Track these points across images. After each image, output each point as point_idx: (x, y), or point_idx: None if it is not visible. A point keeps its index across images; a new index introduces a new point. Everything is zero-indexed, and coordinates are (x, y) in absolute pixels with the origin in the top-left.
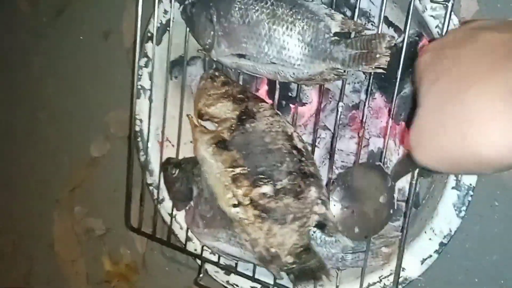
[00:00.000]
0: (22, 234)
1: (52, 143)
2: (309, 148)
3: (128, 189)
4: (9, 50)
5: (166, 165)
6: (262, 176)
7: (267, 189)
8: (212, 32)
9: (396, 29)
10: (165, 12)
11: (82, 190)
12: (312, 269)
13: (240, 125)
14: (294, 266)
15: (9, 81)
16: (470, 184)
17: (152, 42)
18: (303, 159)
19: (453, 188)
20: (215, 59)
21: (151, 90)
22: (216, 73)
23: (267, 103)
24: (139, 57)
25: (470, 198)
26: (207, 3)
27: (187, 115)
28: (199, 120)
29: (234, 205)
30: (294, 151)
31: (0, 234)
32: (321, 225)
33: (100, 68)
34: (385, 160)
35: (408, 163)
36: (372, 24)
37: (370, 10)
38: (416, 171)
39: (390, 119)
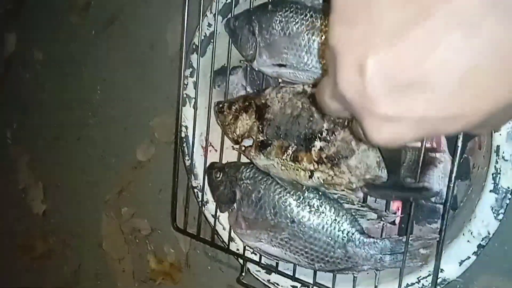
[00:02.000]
0: (72, 234)
1: (100, 147)
2: None
3: (174, 191)
4: (61, 60)
5: (210, 169)
6: (308, 138)
7: (318, 143)
8: (254, 44)
9: None
10: (209, 25)
11: (128, 192)
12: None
13: (262, 121)
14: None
15: (61, 89)
16: (508, 187)
17: (197, 54)
18: None
19: (491, 191)
20: (256, 69)
21: (195, 98)
22: (220, 105)
23: (268, 87)
24: (185, 67)
25: (508, 201)
26: (249, 17)
27: (233, 148)
28: (241, 145)
29: (310, 176)
30: (314, 97)
31: (52, 233)
32: None
33: (145, 76)
34: None
35: None
36: None
37: None
38: (454, 175)
39: None
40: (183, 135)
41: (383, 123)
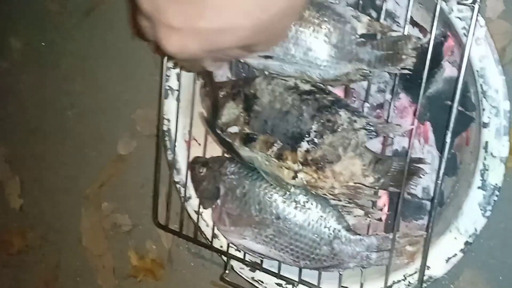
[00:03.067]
0: (50, 228)
1: (80, 140)
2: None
3: (156, 187)
4: (39, 50)
5: (194, 164)
6: (295, 137)
7: (305, 145)
8: None
9: (422, 29)
10: None
11: (109, 187)
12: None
13: (249, 112)
14: (380, 179)
15: (39, 80)
16: (496, 184)
17: None
18: (317, 96)
19: (479, 188)
20: (242, 60)
21: (178, 90)
22: (207, 88)
23: (257, 76)
24: (167, 58)
25: (495, 198)
26: None
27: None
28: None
29: (294, 177)
30: (305, 96)
31: (30, 228)
32: (372, 132)
33: (127, 68)
34: None
35: None
36: (397, 25)
37: (395, 11)
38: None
39: (415, 119)
40: (165, 128)
41: (171, 33)
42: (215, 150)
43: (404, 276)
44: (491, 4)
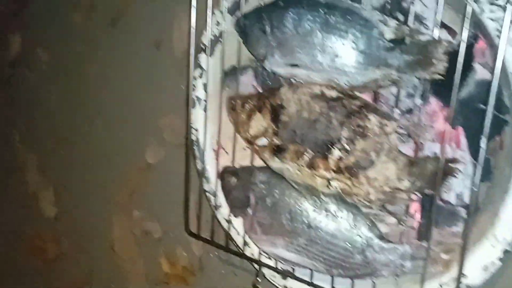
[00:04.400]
0: (83, 236)
1: (109, 148)
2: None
3: (186, 196)
4: (67, 60)
5: (224, 174)
6: (325, 145)
7: (337, 152)
8: (265, 43)
9: (450, 31)
10: (218, 23)
11: (139, 195)
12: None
13: (277, 123)
14: (415, 182)
15: (66, 89)
16: None
17: (206, 53)
18: (344, 102)
19: None
20: (268, 69)
21: (206, 100)
22: (233, 101)
23: (283, 85)
24: (193, 68)
25: None
26: (260, 14)
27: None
28: (255, 145)
29: (328, 185)
30: (332, 102)
31: (64, 236)
32: (404, 136)
33: (152, 76)
34: None
35: None
36: (425, 28)
37: (423, 13)
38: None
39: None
40: (193, 137)
41: None
42: (242, 157)
43: (439, 285)
44: None
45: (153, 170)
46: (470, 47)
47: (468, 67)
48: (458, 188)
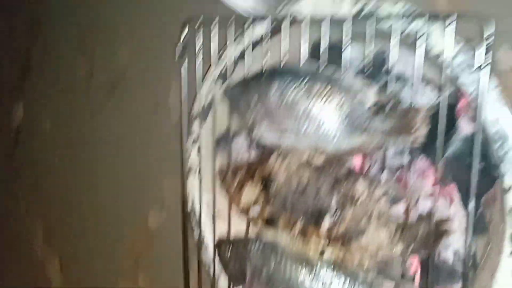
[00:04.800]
0: None
1: (113, 213)
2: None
3: (186, 267)
4: (68, 128)
5: (219, 245)
6: (316, 213)
7: (328, 220)
8: (252, 113)
9: (434, 87)
10: (208, 92)
11: (144, 260)
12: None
13: (268, 193)
14: (409, 246)
15: (70, 157)
16: None
17: (198, 121)
18: (332, 168)
19: (510, 254)
20: (257, 137)
21: (199, 167)
22: (224, 172)
23: (272, 154)
24: (186, 136)
25: None
26: (246, 86)
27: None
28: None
29: (321, 253)
30: (320, 170)
31: None
32: (392, 200)
33: (151, 141)
34: None
35: None
36: (409, 86)
37: (405, 72)
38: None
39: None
40: (189, 205)
41: None
42: (238, 223)
43: None
44: (503, 57)
45: (156, 234)
46: (453, 107)
47: (452, 126)
48: (456, 245)
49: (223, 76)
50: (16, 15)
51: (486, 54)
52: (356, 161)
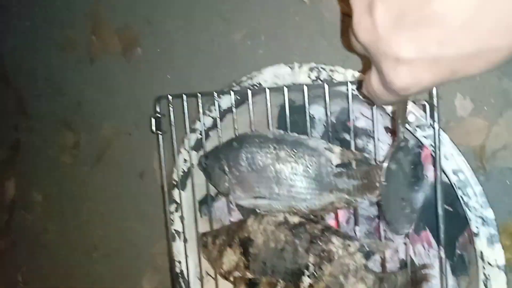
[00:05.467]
0: None
1: (107, 280)
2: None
3: None
4: (59, 199)
5: None
6: (295, 273)
7: (306, 279)
8: (226, 181)
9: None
10: (185, 160)
11: None
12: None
13: (247, 256)
14: None
15: (63, 227)
16: None
17: (178, 188)
18: (307, 227)
19: None
20: (233, 203)
21: (183, 232)
22: (204, 239)
23: (249, 217)
24: (168, 204)
25: None
26: (217, 155)
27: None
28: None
29: None
30: (296, 229)
31: None
32: (368, 253)
33: (140, 205)
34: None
35: None
36: (372, 139)
37: (368, 127)
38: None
39: (407, 238)
40: (178, 270)
41: (399, 64)
42: (226, 284)
43: None
44: (460, 103)
45: None
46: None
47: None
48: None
49: (197, 146)
50: (4, 93)
51: (433, 112)
52: (330, 218)
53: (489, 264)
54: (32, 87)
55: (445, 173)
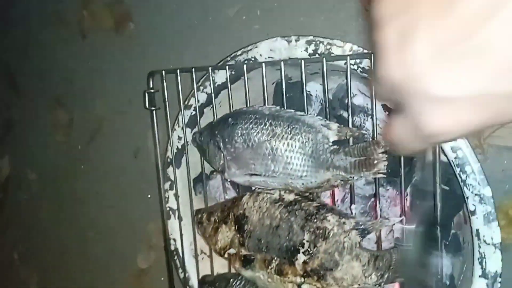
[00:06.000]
0: None
1: (103, 259)
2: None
3: None
4: (54, 177)
5: (202, 284)
6: (290, 250)
7: (301, 257)
8: (221, 157)
9: None
10: (179, 138)
11: None
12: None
13: (242, 233)
14: (383, 276)
15: (58, 205)
16: (496, 271)
17: (173, 166)
18: (302, 205)
19: (480, 276)
20: (228, 180)
21: (178, 209)
22: (199, 216)
23: (244, 194)
24: (163, 181)
25: (499, 285)
26: (213, 131)
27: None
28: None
29: None
30: (291, 207)
31: None
32: (363, 231)
33: (134, 183)
34: None
35: None
36: (371, 119)
37: (366, 104)
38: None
39: (403, 215)
40: (172, 248)
41: (438, 105)
42: (222, 262)
43: None
44: None
45: (146, 274)
46: None
47: (412, 158)
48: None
49: (191, 122)
50: None
51: None
52: (325, 197)
53: (485, 242)
54: (23, 65)
55: (443, 151)
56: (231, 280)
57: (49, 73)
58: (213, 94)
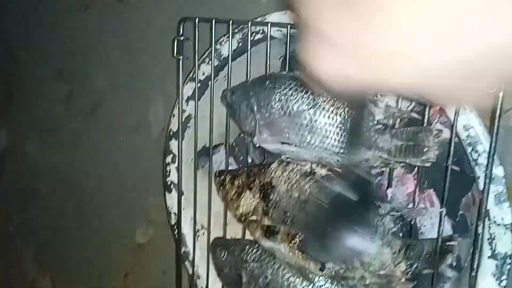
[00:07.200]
0: None
1: (101, 233)
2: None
3: (178, 279)
4: (52, 149)
5: (214, 247)
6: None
7: None
8: (253, 121)
9: None
10: (184, 111)
11: (134, 276)
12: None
13: (267, 202)
14: (412, 265)
15: (55, 179)
16: (506, 253)
17: (176, 139)
18: (334, 183)
19: (489, 257)
20: (257, 145)
21: (179, 183)
22: (222, 177)
23: (272, 162)
24: (165, 154)
25: (508, 267)
26: (246, 91)
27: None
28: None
29: (321, 268)
30: (323, 183)
31: None
32: (398, 218)
33: (134, 158)
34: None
35: None
36: (418, 105)
37: None
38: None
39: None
40: (173, 222)
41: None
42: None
43: None
44: None
45: (144, 249)
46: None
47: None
48: None
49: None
50: None
51: None
52: None
53: (495, 223)
54: (23, 36)
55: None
56: (247, 247)
57: (49, 45)
58: (230, 56)
